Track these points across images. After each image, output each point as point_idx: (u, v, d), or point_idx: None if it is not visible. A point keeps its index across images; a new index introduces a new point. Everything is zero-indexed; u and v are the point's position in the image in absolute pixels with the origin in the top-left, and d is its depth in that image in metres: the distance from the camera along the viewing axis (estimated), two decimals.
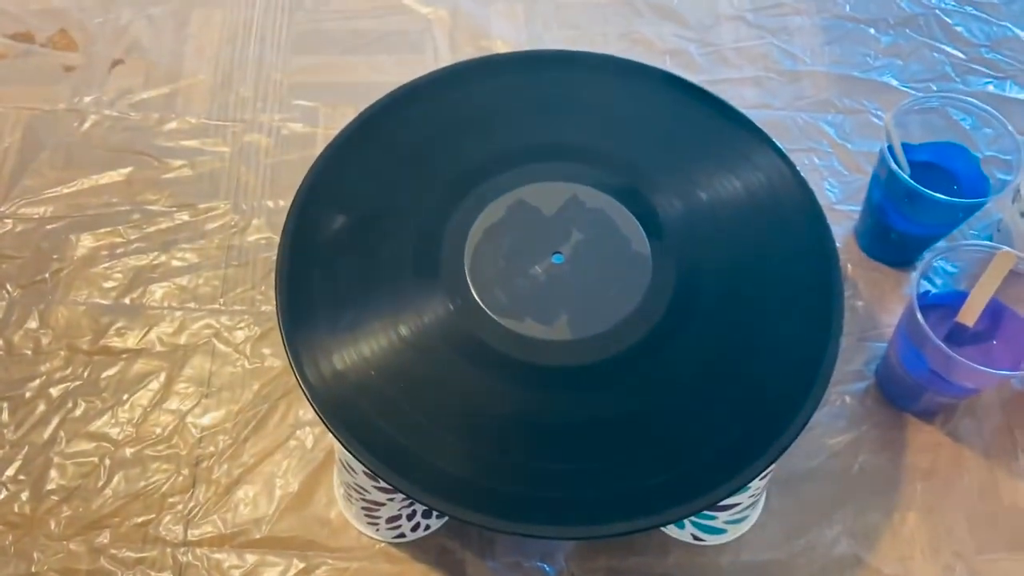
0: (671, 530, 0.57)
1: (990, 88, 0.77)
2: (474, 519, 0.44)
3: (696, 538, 0.56)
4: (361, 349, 0.48)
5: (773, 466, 0.47)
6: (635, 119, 0.57)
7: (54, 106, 0.74)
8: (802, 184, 0.54)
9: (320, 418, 0.45)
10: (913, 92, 0.76)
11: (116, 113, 0.74)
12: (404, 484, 0.44)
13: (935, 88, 0.77)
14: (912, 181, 0.58)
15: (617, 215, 0.52)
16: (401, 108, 0.56)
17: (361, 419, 0.46)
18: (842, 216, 0.70)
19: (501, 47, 0.79)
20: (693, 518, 0.55)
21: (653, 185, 0.53)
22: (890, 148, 0.60)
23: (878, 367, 0.63)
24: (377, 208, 0.53)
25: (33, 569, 0.55)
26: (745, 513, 0.56)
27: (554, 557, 0.56)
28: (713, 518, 0.55)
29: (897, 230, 0.64)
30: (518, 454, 0.46)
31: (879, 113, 0.75)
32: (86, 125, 0.73)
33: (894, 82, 0.77)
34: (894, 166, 0.59)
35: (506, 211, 0.52)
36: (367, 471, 0.48)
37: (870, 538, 0.57)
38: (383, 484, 0.49)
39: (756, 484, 0.52)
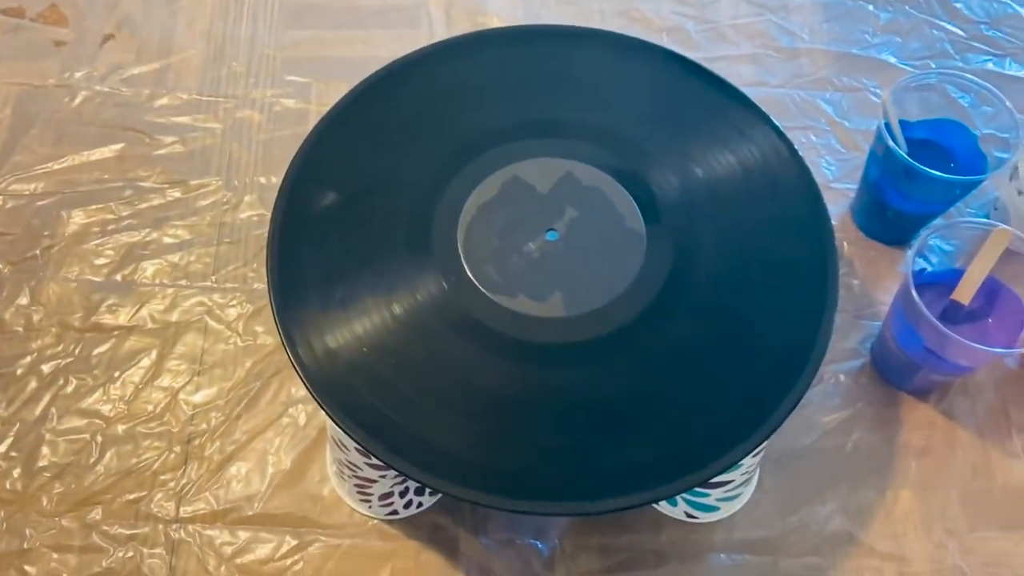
0: (664, 508, 0.57)
1: (989, 66, 0.77)
2: (466, 495, 0.43)
3: (689, 516, 0.56)
4: (353, 327, 0.47)
5: (766, 443, 0.47)
6: (632, 95, 0.56)
7: (44, 81, 0.73)
8: (799, 162, 0.53)
9: (312, 395, 0.45)
10: (912, 70, 0.76)
11: (107, 89, 0.73)
12: (396, 461, 0.44)
13: (934, 66, 0.76)
14: (909, 158, 0.58)
15: (612, 192, 0.52)
16: (395, 83, 0.56)
17: (353, 396, 0.45)
18: (838, 194, 0.70)
19: (497, 23, 0.78)
20: (686, 495, 0.55)
21: (649, 162, 0.53)
22: (887, 125, 0.59)
23: (873, 345, 0.63)
24: (370, 184, 0.52)
25: (25, 545, 0.55)
26: (738, 491, 0.56)
27: (547, 534, 0.56)
28: (706, 495, 0.55)
29: (894, 208, 0.64)
30: (511, 431, 0.46)
31: (877, 91, 0.75)
32: (77, 101, 0.73)
33: (893, 60, 0.77)
34: (891, 143, 0.58)
35: (500, 187, 0.52)
36: (359, 448, 0.48)
37: (863, 516, 0.57)
38: (375, 461, 0.49)
39: (749, 461, 0.52)
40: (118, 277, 0.65)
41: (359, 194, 0.52)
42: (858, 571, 0.55)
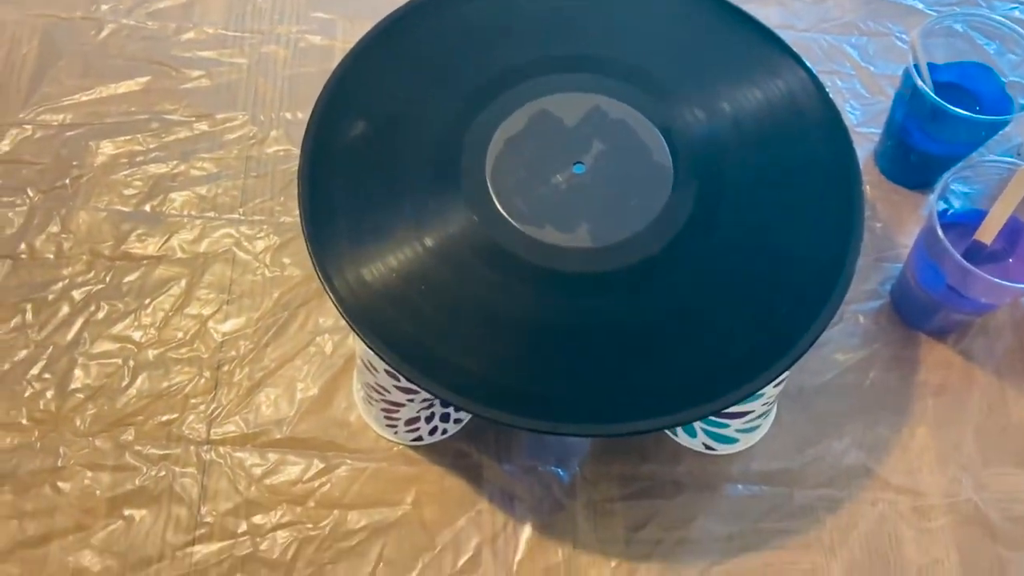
0: (683, 439, 0.58)
1: (1016, 13, 0.76)
2: (492, 415, 0.44)
3: (708, 447, 0.58)
4: (385, 257, 0.48)
5: (786, 374, 0.48)
6: (660, 31, 0.56)
7: (71, 14, 0.74)
8: (826, 100, 0.53)
9: (347, 321, 0.46)
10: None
11: (133, 22, 0.74)
12: (424, 380, 0.45)
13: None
14: (936, 97, 0.58)
15: (639, 126, 0.52)
16: (421, 17, 0.56)
17: (386, 323, 0.46)
18: (863, 139, 0.70)
19: None
20: (705, 427, 0.56)
21: (676, 97, 0.53)
22: (915, 66, 0.59)
23: (893, 287, 0.63)
24: (398, 118, 0.52)
25: (59, 464, 0.56)
26: (757, 422, 0.57)
27: (568, 463, 0.57)
28: (725, 426, 0.56)
29: (918, 150, 0.64)
30: (537, 357, 0.47)
31: (903, 36, 0.75)
32: (103, 34, 0.73)
33: (920, 5, 0.76)
34: (920, 82, 0.58)
35: (528, 121, 0.52)
36: (389, 370, 0.49)
37: (879, 450, 0.58)
38: (404, 384, 0.50)
39: (769, 392, 0.53)
40: (147, 208, 0.65)
41: (387, 128, 0.52)
42: (873, 503, 0.57)
